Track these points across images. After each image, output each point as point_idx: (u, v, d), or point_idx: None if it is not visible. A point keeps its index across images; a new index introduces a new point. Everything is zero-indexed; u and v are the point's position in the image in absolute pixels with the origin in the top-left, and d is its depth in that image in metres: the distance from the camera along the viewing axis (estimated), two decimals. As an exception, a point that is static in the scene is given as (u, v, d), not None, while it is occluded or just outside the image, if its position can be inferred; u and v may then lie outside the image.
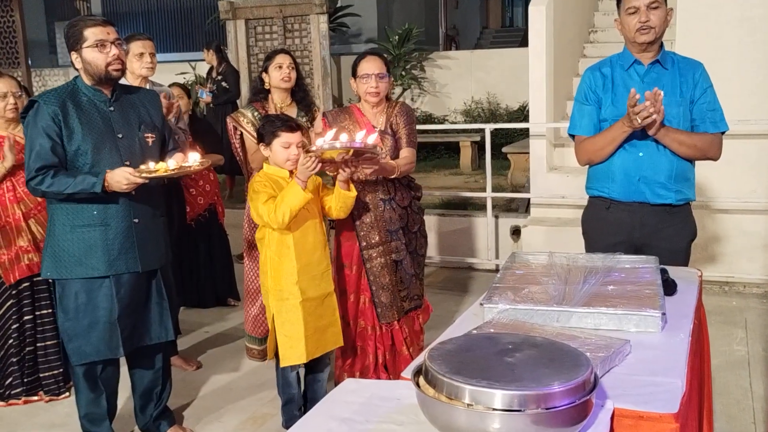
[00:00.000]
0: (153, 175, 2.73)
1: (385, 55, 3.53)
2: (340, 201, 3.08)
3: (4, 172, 3.53)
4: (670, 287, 2.32)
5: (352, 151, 2.88)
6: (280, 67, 3.79)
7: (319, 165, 2.86)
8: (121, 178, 2.72)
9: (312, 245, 3.06)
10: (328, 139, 2.76)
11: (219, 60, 8.39)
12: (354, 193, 3.10)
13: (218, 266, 5.11)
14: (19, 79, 8.67)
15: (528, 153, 6.12)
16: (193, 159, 2.83)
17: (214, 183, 5.05)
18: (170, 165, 2.75)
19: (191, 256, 4.98)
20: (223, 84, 8.20)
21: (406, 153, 3.37)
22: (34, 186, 2.80)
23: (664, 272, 2.39)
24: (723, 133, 2.89)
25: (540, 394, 1.34)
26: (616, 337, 1.89)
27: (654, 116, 2.65)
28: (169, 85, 4.57)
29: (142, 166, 2.76)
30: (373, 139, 2.88)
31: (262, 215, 2.94)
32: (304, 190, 2.87)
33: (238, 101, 8.15)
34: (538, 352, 1.52)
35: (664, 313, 2.01)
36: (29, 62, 11.01)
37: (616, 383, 1.67)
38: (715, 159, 2.92)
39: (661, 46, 2.90)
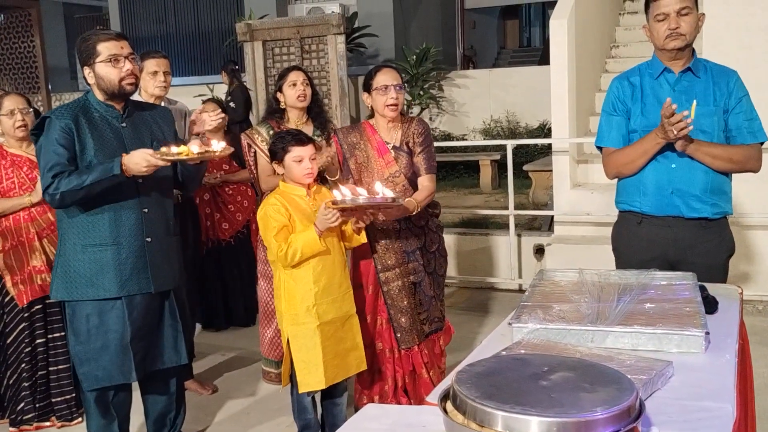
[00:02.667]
0: (174, 157, 2.62)
1: (399, 69, 3.43)
2: (349, 242, 3.06)
3: (29, 206, 3.50)
4: (710, 305, 2.18)
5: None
6: (294, 84, 3.69)
7: (340, 217, 2.81)
8: (140, 159, 2.62)
9: (332, 266, 2.94)
10: (349, 194, 2.72)
11: (230, 80, 8.43)
12: (365, 239, 3.08)
13: (247, 285, 5.06)
14: (39, 103, 8.75)
15: (550, 171, 5.99)
16: (219, 146, 2.71)
17: (252, 199, 5.00)
18: (193, 149, 2.63)
19: (232, 273, 4.99)
20: (231, 104, 8.20)
21: (426, 182, 3.26)
22: (52, 192, 2.68)
23: (703, 289, 2.25)
24: (762, 143, 2.75)
25: (581, 422, 1.21)
26: (657, 358, 1.76)
27: (690, 127, 2.53)
28: (203, 101, 4.58)
29: (163, 149, 2.64)
30: (390, 193, 2.80)
31: (272, 249, 2.86)
32: (320, 237, 2.83)
33: (251, 119, 8.15)
34: (576, 374, 1.39)
35: (707, 333, 1.87)
36: (49, 87, 11.10)
37: (661, 408, 1.54)
38: (755, 171, 2.78)
39: (693, 53, 2.78)
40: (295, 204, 2.92)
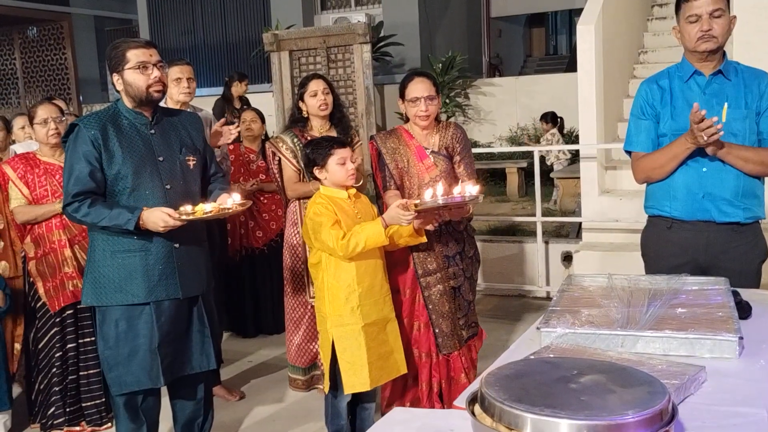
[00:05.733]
0: (191, 218, 2.67)
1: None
2: (408, 241, 3.02)
3: (60, 213, 3.53)
4: (743, 310, 2.14)
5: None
6: (315, 94, 3.71)
7: (415, 218, 2.83)
8: (158, 219, 2.66)
9: (374, 268, 2.96)
10: (430, 196, 2.75)
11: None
12: (425, 239, 3.04)
13: (278, 293, 5.10)
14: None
15: (577, 178, 5.93)
16: (232, 201, 2.78)
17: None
18: (206, 208, 2.71)
19: (264, 281, 5.04)
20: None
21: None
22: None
23: (736, 294, 2.21)
24: (794, 146, 2.70)
25: (612, 425, 1.19)
26: (689, 363, 1.73)
27: (721, 132, 2.49)
28: (243, 110, 4.61)
29: (182, 208, 2.70)
30: (475, 190, 2.82)
31: (327, 240, 2.84)
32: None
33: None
34: (606, 377, 1.37)
35: (741, 338, 1.84)
36: (81, 98, 11.31)
37: (694, 414, 1.51)
38: (788, 174, 2.73)
39: (724, 55, 2.74)
40: (339, 207, 2.94)
